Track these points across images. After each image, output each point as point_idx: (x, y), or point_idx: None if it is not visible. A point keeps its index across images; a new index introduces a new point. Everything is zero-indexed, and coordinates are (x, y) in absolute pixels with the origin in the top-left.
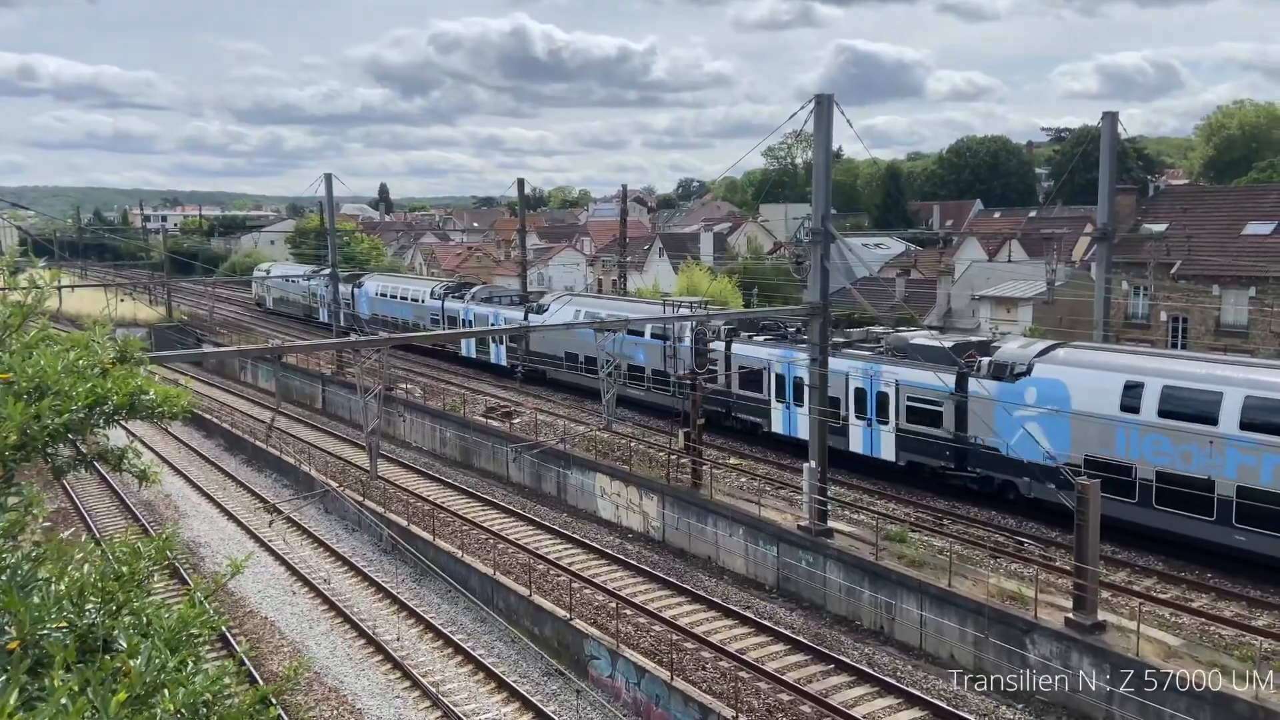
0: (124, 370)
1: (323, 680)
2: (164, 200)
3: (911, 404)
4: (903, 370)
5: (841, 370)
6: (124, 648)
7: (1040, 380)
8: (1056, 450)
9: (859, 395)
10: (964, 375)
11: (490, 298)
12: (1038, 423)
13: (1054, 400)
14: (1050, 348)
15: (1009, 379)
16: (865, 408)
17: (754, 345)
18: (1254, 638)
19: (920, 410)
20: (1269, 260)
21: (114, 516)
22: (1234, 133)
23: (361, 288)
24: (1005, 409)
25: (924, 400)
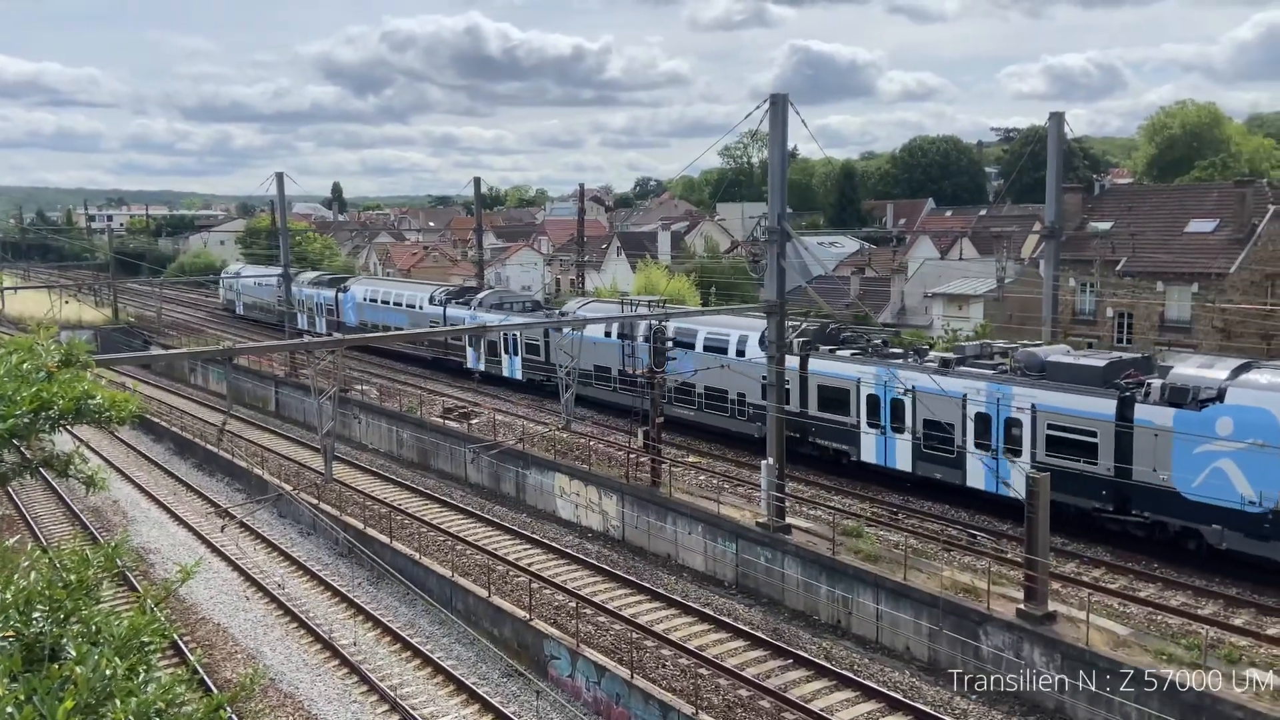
0: (69, 374)
1: (278, 686)
2: (109, 200)
3: (1054, 433)
4: (1042, 393)
5: (955, 391)
6: (72, 656)
7: (1238, 409)
8: (1262, 493)
9: (981, 421)
10: (1127, 400)
11: (501, 304)
12: (1234, 459)
13: (1260, 432)
14: (1241, 368)
15: (1191, 406)
16: (989, 436)
17: (838, 361)
18: (1200, 626)
19: (1066, 441)
20: (1210, 257)
21: (61, 523)
22: (1176, 132)
23: (347, 292)
24: (1188, 442)
25: (1071, 429)
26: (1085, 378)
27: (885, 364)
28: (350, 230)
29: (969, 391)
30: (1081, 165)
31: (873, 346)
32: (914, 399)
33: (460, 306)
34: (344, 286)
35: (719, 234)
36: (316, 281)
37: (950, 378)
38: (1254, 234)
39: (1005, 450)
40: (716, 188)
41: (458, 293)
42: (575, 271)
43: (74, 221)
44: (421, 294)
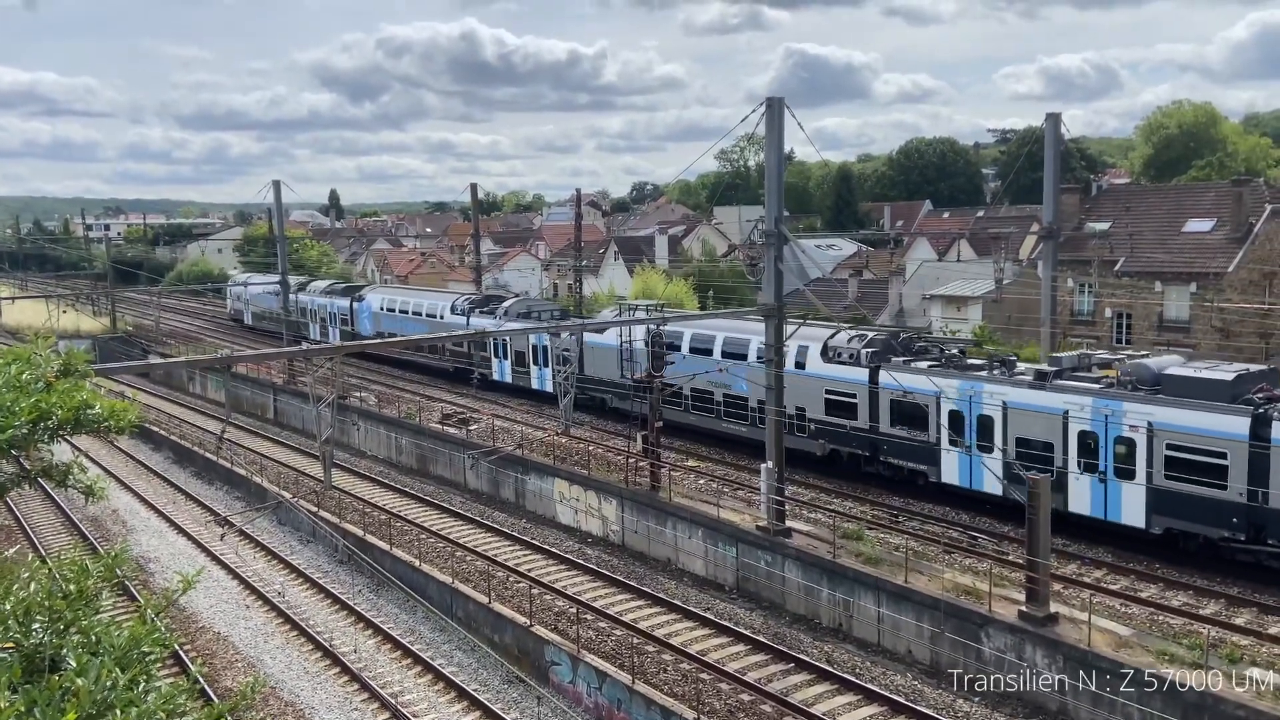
0: (68, 384)
1: (279, 695)
2: (107, 209)
3: (1175, 454)
4: (1159, 409)
5: (1055, 407)
6: (73, 666)
7: None
8: None
9: (1086, 441)
10: (1262, 417)
11: (529, 312)
12: None
13: None
14: None
15: None
16: (1097, 457)
17: (915, 373)
18: (1201, 626)
19: (1189, 463)
20: (1208, 256)
21: (60, 533)
22: (1173, 132)
23: (363, 302)
24: None
25: (1195, 450)
26: (1210, 392)
27: (970, 377)
28: (348, 237)
29: (1071, 407)
30: (1079, 166)
31: (951, 357)
32: (1005, 415)
33: (485, 315)
34: (359, 295)
35: (716, 238)
36: (330, 290)
37: (1048, 392)
38: (1251, 233)
39: (1116, 472)
40: (713, 191)
41: (482, 301)
42: (573, 276)
43: (71, 231)
44: (443, 303)
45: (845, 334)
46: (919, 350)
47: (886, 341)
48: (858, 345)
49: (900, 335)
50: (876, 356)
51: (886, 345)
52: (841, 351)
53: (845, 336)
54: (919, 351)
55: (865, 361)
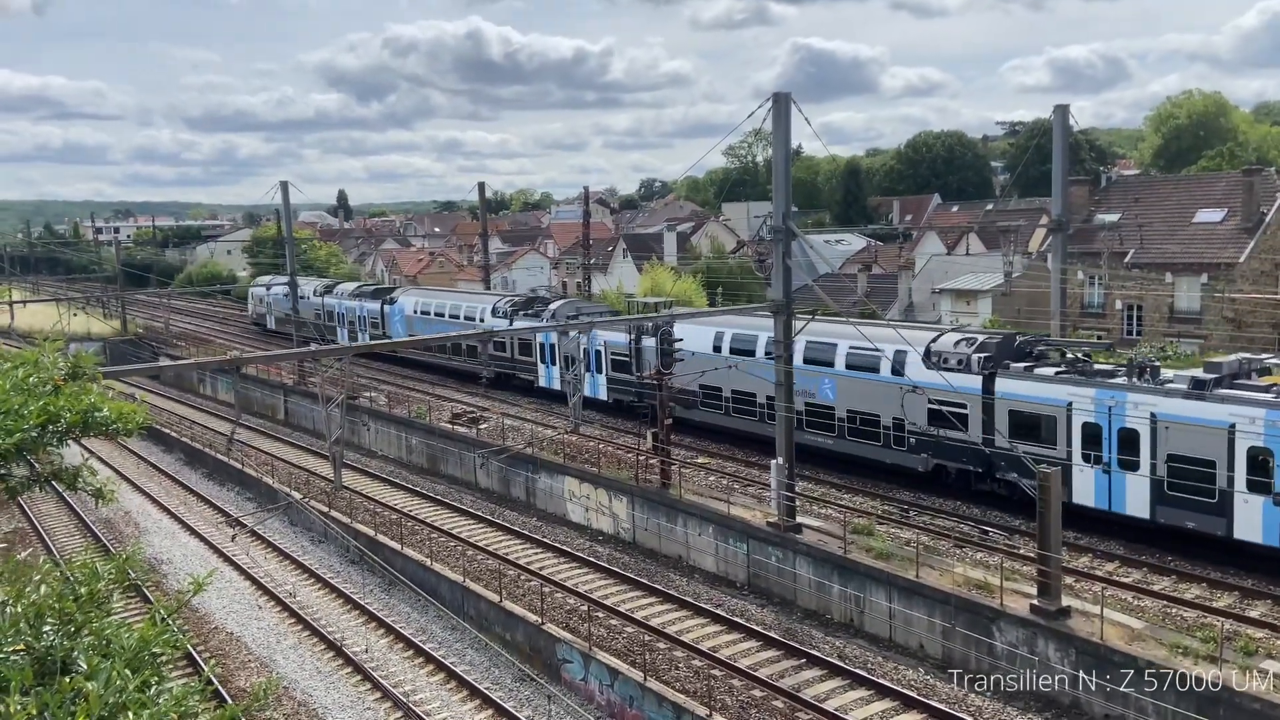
0: (76, 387)
1: (291, 695)
2: (116, 212)
3: None
4: None
5: (1218, 420)
6: (84, 669)
7: None
8: None
9: (1258, 459)
10: None
11: (579, 314)
12: None
13: None
14: None
15: None
16: (1273, 477)
17: (1039, 381)
18: (1215, 619)
19: None
20: (1219, 247)
21: (73, 535)
22: (1183, 122)
23: (395, 304)
24: None
25: None
26: None
27: (1109, 385)
28: (356, 238)
29: (1239, 420)
30: (1088, 157)
31: (1078, 363)
32: (1154, 429)
33: (530, 319)
34: (391, 298)
35: (724, 234)
36: (359, 293)
37: (1210, 403)
38: (1262, 223)
39: None
40: (721, 188)
41: (524, 303)
42: (581, 274)
43: (81, 234)
44: (482, 305)
45: (951, 337)
46: (1038, 355)
47: (1001, 345)
48: (967, 350)
49: (1017, 339)
50: (991, 362)
51: (1002, 350)
52: (949, 357)
53: (951, 340)
54: (1038, 356)
55: (978, 368)
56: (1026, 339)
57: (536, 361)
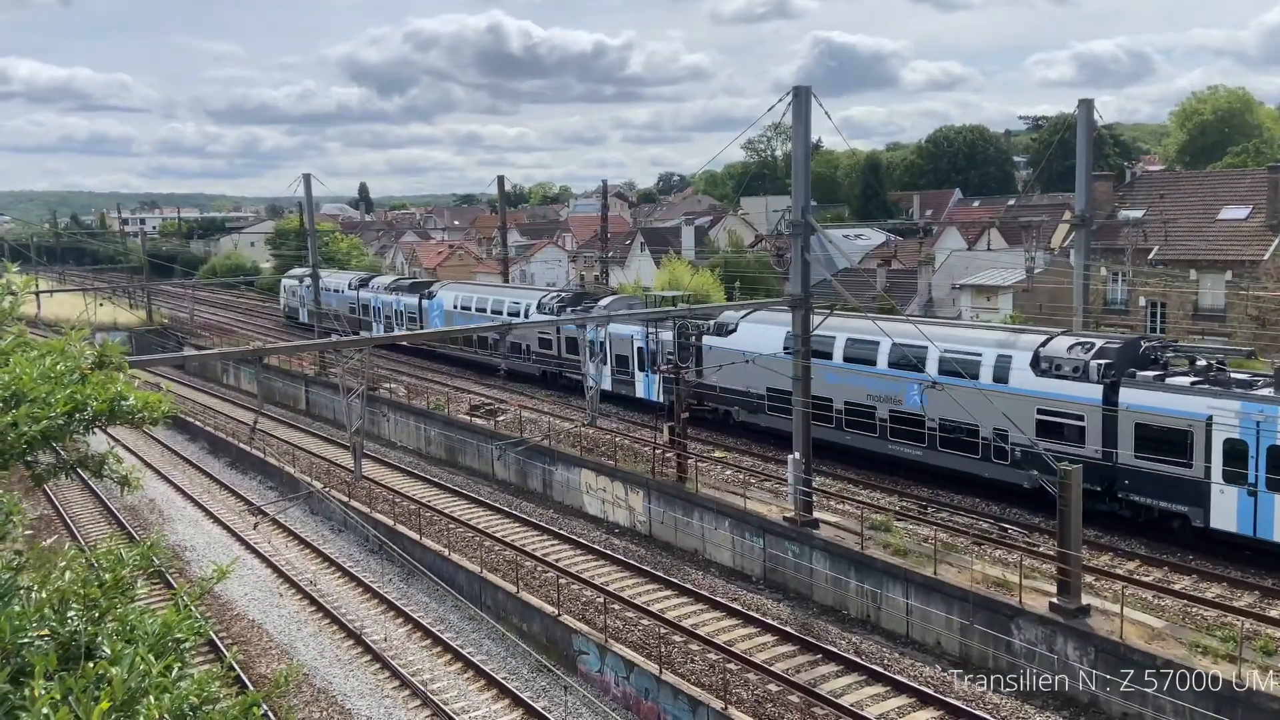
0: (103, 376)
1: (311, 681)
2: (142, 203)
3: None
4: None
5: None
6: (107, 655)
7: None
8: None
9: None
10: None
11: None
12: None
13: None
14: None
15: None
16: None
17: (1172, 391)
18: (1235, 618)
19: None
20: (1244, 244)
21: (98, 523)
22: (1208, 118)
23: (434, 299)
24: None
25: None
26: None
27: (1255, 398)
28: (377, 230)
29: None
30: (1112, 153)
31: (1213, 370)
32: None
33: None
34: (429, 292)
35: (743, 228)
36: (395, 287)
37: None
38: None
39: None
40: (740, 182)
41: (573, 299)
42: (599, 268)
43: (108, 225)
44: (527, 300)
45: (1063, 341)
46: (1165, 362)
47: (1123, 351)
48: (1084, 355)
49: (1141, 344)
50: (1113, 369)
51: (1124, 356)
52: (1062, 363)
53: (1065, 344)
54: (1165, 363)
55: (1098, 375)
56: (1151, 344)
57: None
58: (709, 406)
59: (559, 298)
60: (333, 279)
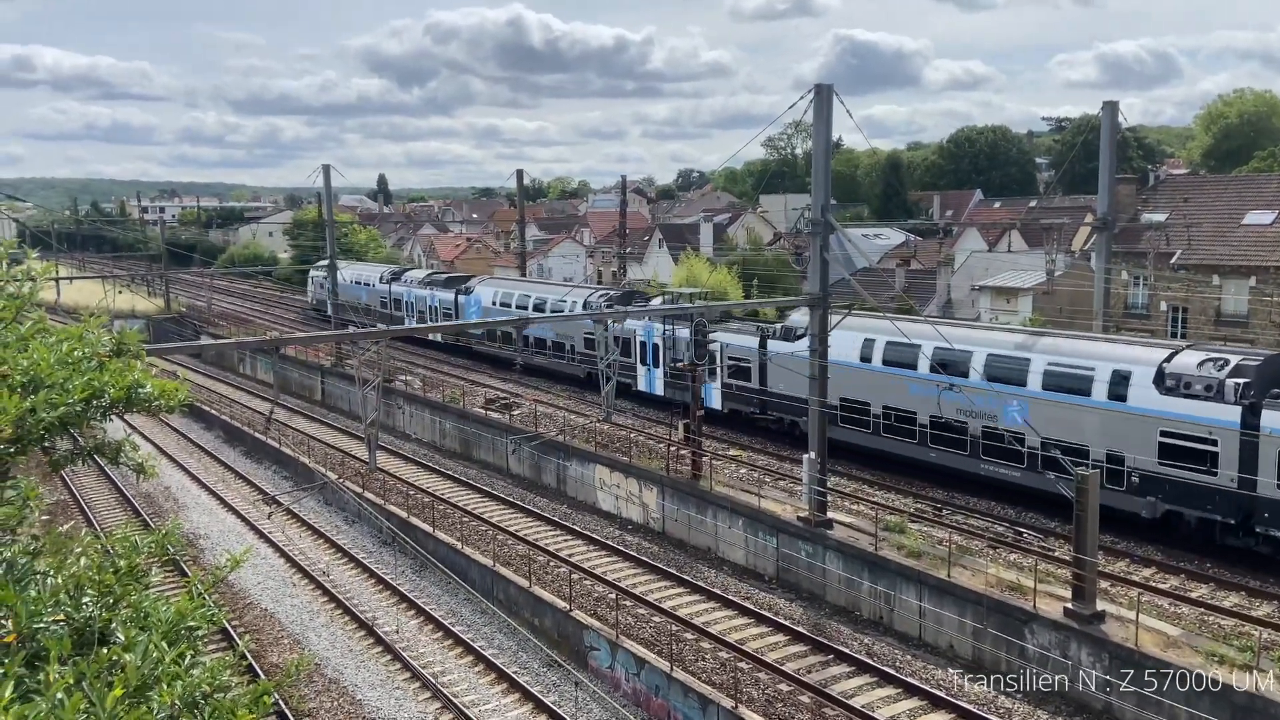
0: (120, 363)
1: (323, 672)
2: (162, 191)
3: None
4: None
5: None
6: (121, 641)
7: None
8: None
9: None
10: None
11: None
12: None
13: None
14: None
15: None
16: None
17: None
18: (1253, 628)
19: None
20: (1269, 249)
21: (113, 509)
22: (1233, 121)
23: (471, 294)
24: None
25: None
26: None
27: None
28: (395, 222)
29: None
30: (1135, 155)
31: None
32: None
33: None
34: (466, 288)
35: (761, 226)
36: (430, 281)
37: None
38: None
39: None
40: (759, 179)
41: (622, 297)
42: (617, 263)
43: (127, 213)
44: (573, 298)
45: (1192, 356)
46: None
47: (1264, 369)
48: (1217, 373)
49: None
50: (1252, 389)
51: (1265, 374)
52: (1192, 381)
53: (1193, 360)
54: None
55: (1235, 396)
56: None
57: (635, 362)
58: (773, 416)
59: (607, 296)
60: (363, 271)
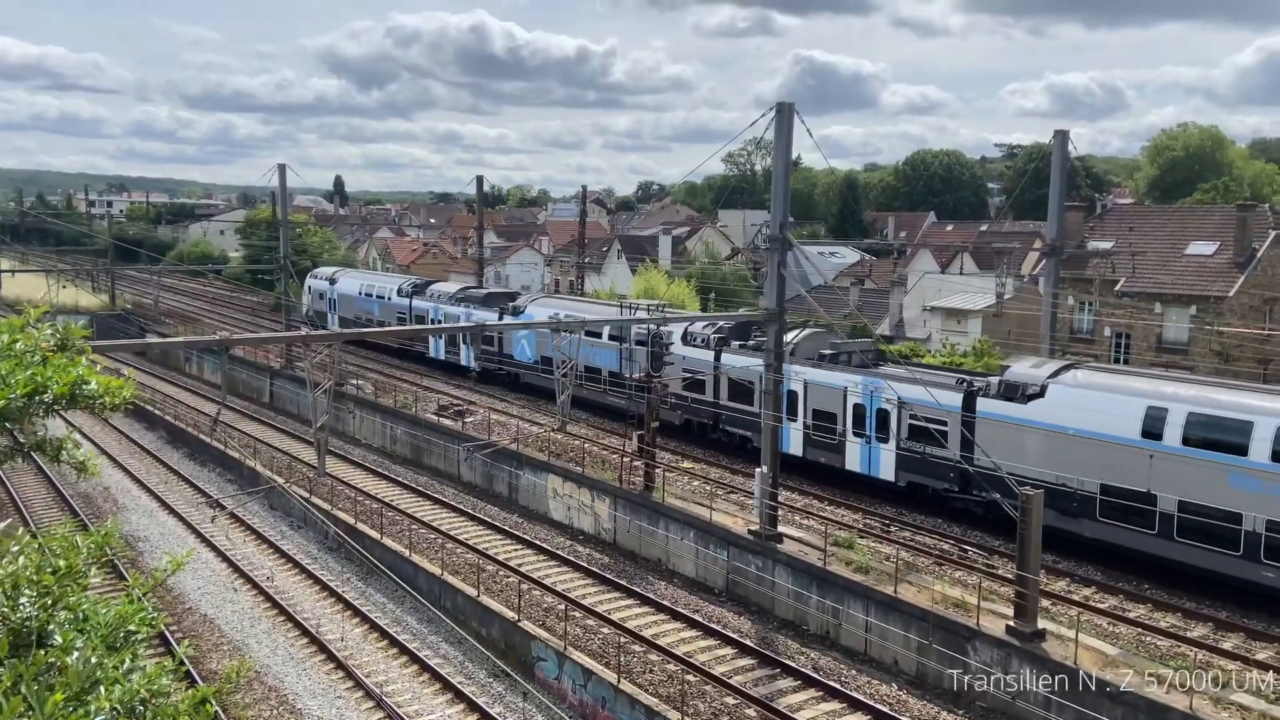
0: (64, 358)
1: (263, 679)
2: (110, 185)
3: None
4: None
5: None
6: (59, 643)
7: None
8: None
9: None
10: None
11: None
12: None
13: None
14: None
15: None
16: None
17: None
18: (1189, 649)
19: None
20: (1210, 280)
21: (51, 509)
22: (1179, 155)
23: (521, 315)
24: None
25: None
26: None
27: None
28: (351, 224)
29: None
30: (1084, 184)
31: None
32: None
33: (745, 352)
34: (516, 307)
35: (720, 240)
36: (464, 298)
37: None
38: (1254, 258)
39: None
40: (719, 193)
41: (737, 329)
42: (575, 273)
43: (74, 206)
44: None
45: None
46: None
47: None
48: None
49: None
50: None
51: None
52: None
53: None
54: None
55: None
56: None
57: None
58: (977, 497)
59: (715, 330)
60: (374, 282)
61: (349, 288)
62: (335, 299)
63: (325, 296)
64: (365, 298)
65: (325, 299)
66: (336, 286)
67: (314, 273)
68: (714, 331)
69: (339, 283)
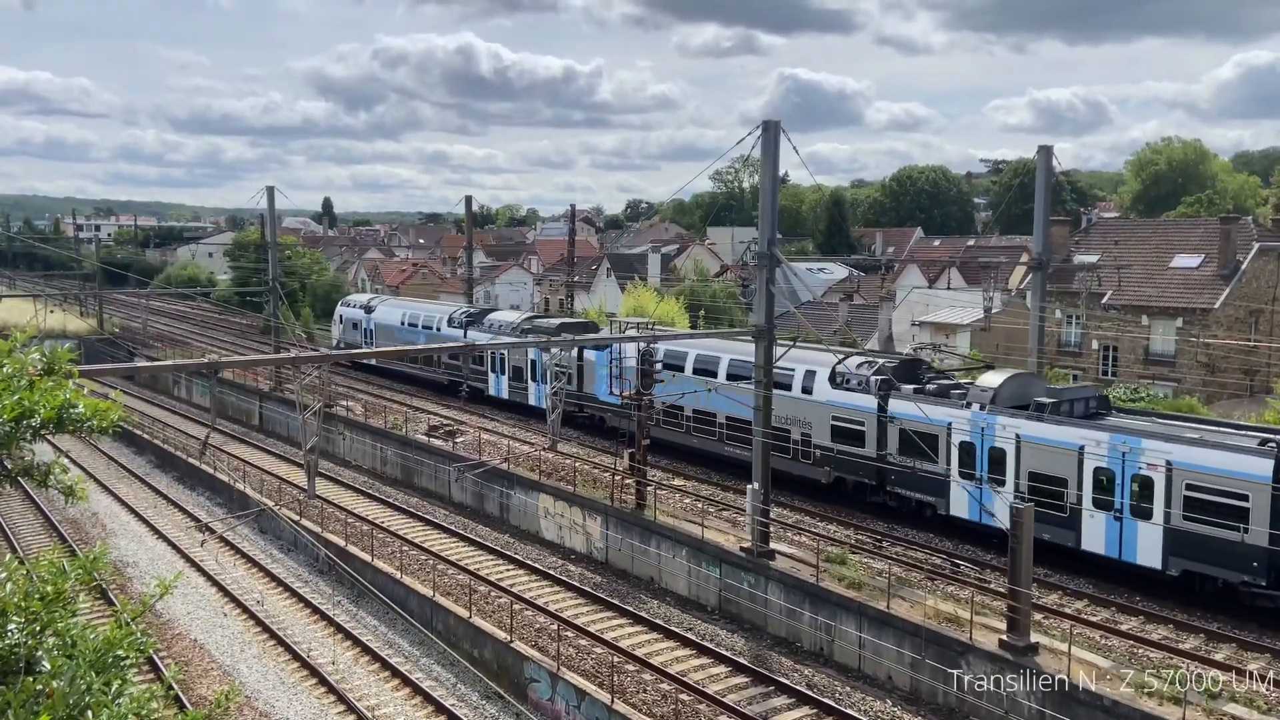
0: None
1: (253, 704)
2: (98, 209)
3: None
4: None
5: None
6: (47, 669)
7: None
8: None
9: None
10: None
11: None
12: None
13: None
14: None
15: None
16: None
17: None
18: (1181, 661)
19: None
20: (1195, 292)
21: (39, 534)
22: (1162, 169)
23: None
24: None
25: None
26: None
27: None
28: (339, 245)
29: None
30: (1069, 198)
31: None
32: None
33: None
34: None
35: (709, 258)
36: (534, 329)
37: None
38: (1238, 270)
39: None
40: (707, 211)
41: (903, 368)
42: (565, 292)
43: (62, 230)
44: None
45: None
46: None
47: None
48: None
49: None
50: None
51: None
52: None
53: None
54: None
55: None
56: None
57: (948, 464)
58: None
59: (876, 368)
60: (416, 310)
61: (389, 317)
62: (372, 329)
63: (360, 327)
64: (409, 328)
65: (360, 329)
66: (374, 315)
67: (346, 299)
68: (874, 373)
69: (376, 311)
